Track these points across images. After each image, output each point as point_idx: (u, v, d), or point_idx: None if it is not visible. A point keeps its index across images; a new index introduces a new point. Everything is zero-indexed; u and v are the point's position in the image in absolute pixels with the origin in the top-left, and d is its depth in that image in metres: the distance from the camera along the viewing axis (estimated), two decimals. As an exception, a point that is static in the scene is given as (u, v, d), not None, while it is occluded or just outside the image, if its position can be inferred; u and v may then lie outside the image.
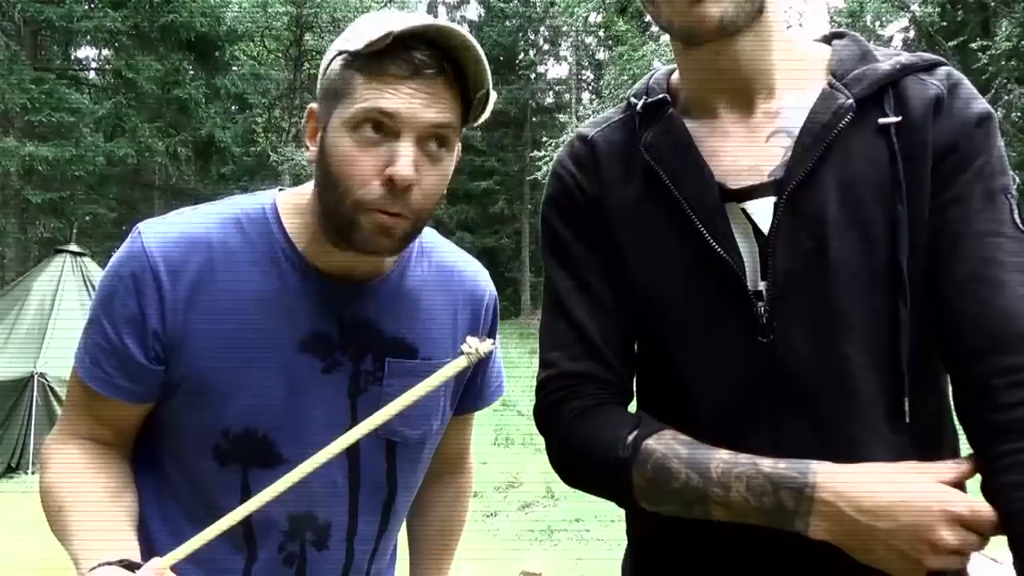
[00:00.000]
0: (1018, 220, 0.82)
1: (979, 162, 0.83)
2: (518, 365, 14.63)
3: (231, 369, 0.97)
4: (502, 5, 31.12)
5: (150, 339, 0.96)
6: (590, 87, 33.49)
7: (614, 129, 0.98)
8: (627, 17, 18.69)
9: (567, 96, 33.29)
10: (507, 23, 31.59)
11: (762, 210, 0.87)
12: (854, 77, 0.87)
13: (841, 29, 0.97)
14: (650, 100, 0.94)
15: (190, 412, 0.99)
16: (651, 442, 0.84)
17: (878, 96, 0.86)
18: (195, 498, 1.02)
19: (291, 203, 1.03)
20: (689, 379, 0.90)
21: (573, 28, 21.50)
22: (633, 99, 0.97)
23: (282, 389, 0.99)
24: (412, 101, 0.88)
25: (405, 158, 0.88)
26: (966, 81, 0.88)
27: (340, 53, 0.92)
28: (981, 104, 0.86)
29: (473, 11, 34.93)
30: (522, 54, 32.46)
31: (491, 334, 1.17)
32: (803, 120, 0.87)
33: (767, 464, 0.79)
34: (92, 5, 16.65)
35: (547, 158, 18.88)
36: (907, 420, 0.83)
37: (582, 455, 0.90)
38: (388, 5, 20.18)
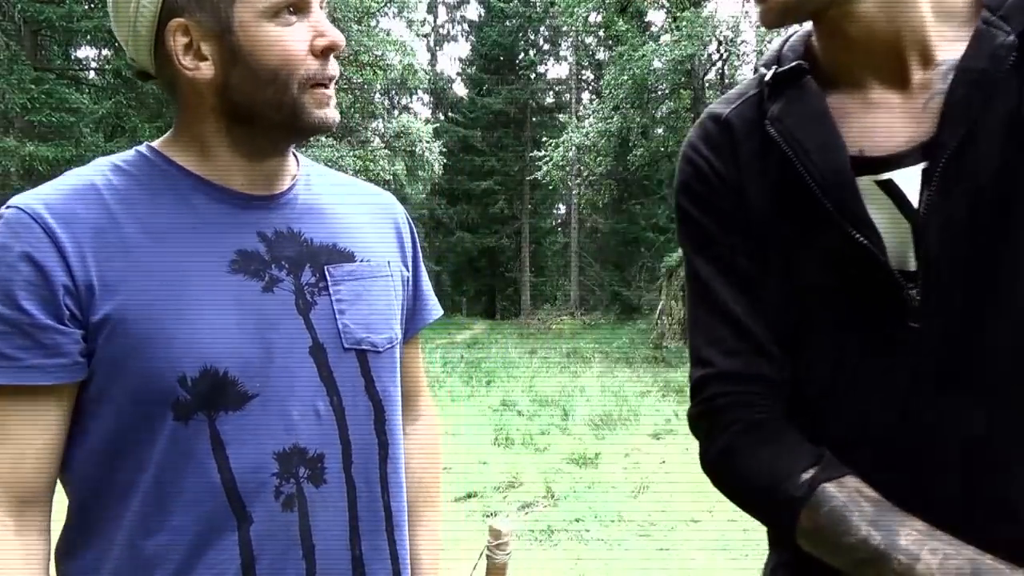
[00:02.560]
0: None
1: None
2: (518, 365, 14.63)
3: (163, 306, 0.88)
4: (502, 5, 31.09)
5: (60, 296, 0.85)
6: (590, 87, 33.48)
7: (748, 105, 0.88)
8: (627, 17, 18.68)
9: (567, 96, 33.28)
10: (507, 23, 31.56)
11: (910, 180, 0.77)
12: (1013, 5, 0.74)
13: None
14: (781, 70, 0.84)
15: (137, 368, 0.87)
16: (831, 488, 0.75)
17: None
18: (162, 488, 0.90)
19: (165, 143, 0.99)
20: (827, 373, 0.82)
21: (573, 28, 21.48)
22: (763, 69, 0.87)
23: (225, 317, 0.91)
24: None
25: (331, 27, 0.93)
26: None
27: None
28: None
29: (473, 11, 34.94)
30: (522, 54, 32.44)
31: (415, 248, 1.18)
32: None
33: (971, 549, 0.69)
34: (92, 5, 16.63)
35: (547, 158, 18.87)
36: None
37: (745, 477, 0.82)
38: (388, 5, 20.16)
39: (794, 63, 0.83)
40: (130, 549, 0.90)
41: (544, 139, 19.69)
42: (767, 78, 0.85)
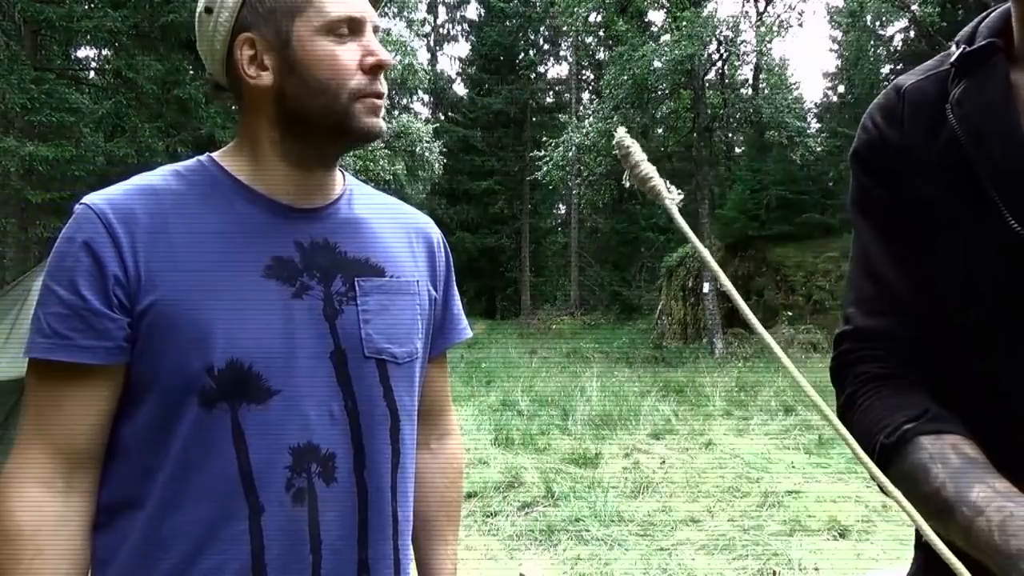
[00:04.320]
0: None
1: None
2: (518, 365, 14.64)
3: (198, 301, 0.96)
4: (502, 5, 31.11)
5: (111, 286, 0.94)
6: (590, 87, 33.49)
7: (933, 81, 0.86)
8: (627, 17, 18.68)
9: (567, 96, 33.29)
10: (507, 23, 31.58)
11: None
12: None
13: None
14: (971, 49, 0.81)
15: (171, 355, 0.95)
16: (925, 440, 0.76)
17: None
18: (183, 474, 0.95)
19: (223, 153, 1.08)
20: (1003, 360, 0.79)
21: (573, 28, 21.46)
22: (954, 46, 0.84)
23: (255, 316, 0.98)
24: (361, 2, 1.03)
25: (381, 48, 1.02)
26: None
27: None
28: None
29: (473, 11, 34.95)
30: (522, 54, 32.45)
31: (447, 271, 1.22)
32: None
33: None
34: (92, 5, 16.64)
35: (547, 158, 18.85)
36: None
37: (859, 425, 0.84)
38: (388, 5, 20.17)
39: (984, 42, 0.80)
40: (148, 530, 0.96)
41: (544, 139, 19.66)
42: (954, 58, 0.83)
